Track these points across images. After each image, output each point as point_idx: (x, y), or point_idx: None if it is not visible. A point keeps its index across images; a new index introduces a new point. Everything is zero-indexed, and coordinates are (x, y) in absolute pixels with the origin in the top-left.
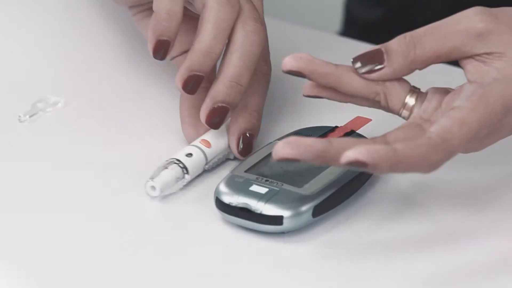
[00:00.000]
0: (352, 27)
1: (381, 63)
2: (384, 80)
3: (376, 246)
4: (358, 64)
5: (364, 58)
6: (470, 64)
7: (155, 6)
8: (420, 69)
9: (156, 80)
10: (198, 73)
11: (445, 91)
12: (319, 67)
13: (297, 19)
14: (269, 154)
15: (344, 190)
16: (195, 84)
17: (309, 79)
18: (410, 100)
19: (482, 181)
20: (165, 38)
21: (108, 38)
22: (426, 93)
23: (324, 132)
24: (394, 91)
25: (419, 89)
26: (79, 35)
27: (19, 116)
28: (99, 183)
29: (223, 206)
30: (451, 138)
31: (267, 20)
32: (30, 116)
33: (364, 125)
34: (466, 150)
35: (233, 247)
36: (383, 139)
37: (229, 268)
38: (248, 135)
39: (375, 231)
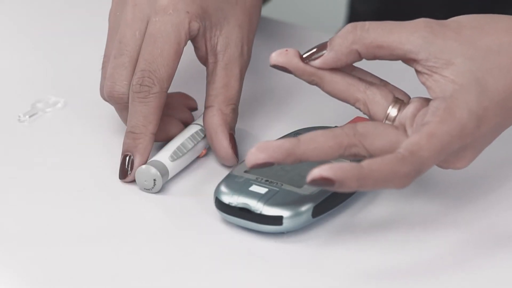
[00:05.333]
0: None
1: (324, 49)
2: (329, 67)
3: (376, 246)
4: (306, 54)
5: (312, 50)
6: (428, 82)
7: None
8: (363, 55)
9: None
10: None
11: (427, 100)
12: (302, 64)
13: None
14: None
15: None
16: None
17: (294, 75)
18: (393, 111)
19: (483, 182)
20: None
21: None
22: (409, 103)
23: None
24: (376, 100)
25: (402, 100)
26: (79, 35)
27: (19, 116)
28: (99, 183)
29: (223, 206)
30: (419, 150)
31: (269, 20)
32: (30, 116)
33: None
34: (444, 165)
35: (233, 247)
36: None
37: (228, 268)
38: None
39: (375, 231)
